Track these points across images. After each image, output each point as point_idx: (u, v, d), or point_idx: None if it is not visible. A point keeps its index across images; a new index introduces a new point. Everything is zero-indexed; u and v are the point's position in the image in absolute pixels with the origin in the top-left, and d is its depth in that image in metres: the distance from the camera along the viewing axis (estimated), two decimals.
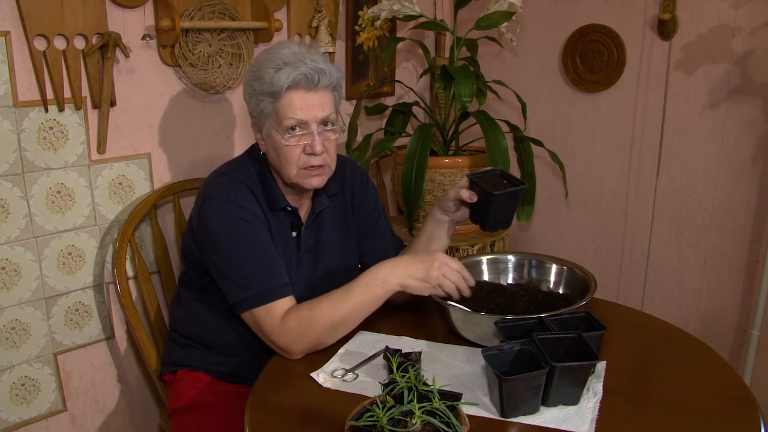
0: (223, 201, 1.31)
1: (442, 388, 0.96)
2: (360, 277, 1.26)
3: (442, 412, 0.91)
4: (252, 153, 1.42)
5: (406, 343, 1.30)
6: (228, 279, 1.29)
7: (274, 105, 1.30)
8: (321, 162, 1.32)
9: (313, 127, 1.30)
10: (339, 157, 1.45)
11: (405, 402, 0.92)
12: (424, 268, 1.24)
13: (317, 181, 1.34)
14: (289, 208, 1.39)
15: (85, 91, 1.60)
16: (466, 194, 1.35)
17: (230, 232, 1.30)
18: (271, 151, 1.35)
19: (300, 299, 1.29)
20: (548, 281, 1.49)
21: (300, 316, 1.24)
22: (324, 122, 1.32)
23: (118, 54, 1.62)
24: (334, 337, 1.26)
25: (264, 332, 1.27)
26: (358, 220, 1.53)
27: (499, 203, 1.31)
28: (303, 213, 1.45)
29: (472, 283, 1.28)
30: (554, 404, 1.06)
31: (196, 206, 1.38)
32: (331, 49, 2.02)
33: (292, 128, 1.29)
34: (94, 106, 1.62)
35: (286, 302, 1.27)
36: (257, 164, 1.40)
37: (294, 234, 1.42)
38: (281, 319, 1.24)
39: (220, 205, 1.31)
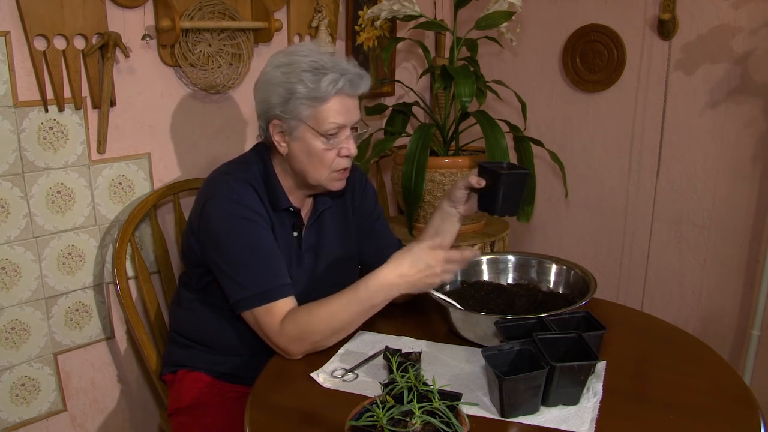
0: (226, 199, 1.31)
1: (442, 388, 0.96)
2: (360, 284, 1.24)
3: (442, 412, 0.91)
4: (256, 152, 1.42)
5: (406, 343, 1.30)
6: (229, 278, 1.29)
7: (315, 109, 1.29)
8: (350, 164, 1.36)
9: (349, 130, 1.33)
10: None
11: (405, 402, 0.92)
12: (419, 277, 1.22)
13: (341, 184, 1.38)
14: (291, 209, 1.39)
15: (85, 91, 1.59)
16: (475, 179, 1.38)
17: (232, 231, 1.29)
18: (301, 154, 1.34)
19: (300, 298, 1.29)
20: (548, 281, 1.49)
21: (298, 322, 1.23)
22: (356, 125, 1.36)
23: (118, 54, 1.62)
24: (333, 341, 1.26)
25: (263, 332, 1.27)
26: (357, 221, 1.53)
27: (507, 185, 1.35)
28: (304, 213, 1.45)
29: (468, 254, 1.27)
30: (554, 404, 1.06)
31: (198, 205, 1.37)
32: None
33: (333, 132, 1.31)
34: (94, 106, 1.62)
35: (287, 303, 1.27)
36: (261, 164, 1.39)
37: (295, 234, 1.42)
38: (280, 321, 1.24)
39: (223, 203, 1.31)
